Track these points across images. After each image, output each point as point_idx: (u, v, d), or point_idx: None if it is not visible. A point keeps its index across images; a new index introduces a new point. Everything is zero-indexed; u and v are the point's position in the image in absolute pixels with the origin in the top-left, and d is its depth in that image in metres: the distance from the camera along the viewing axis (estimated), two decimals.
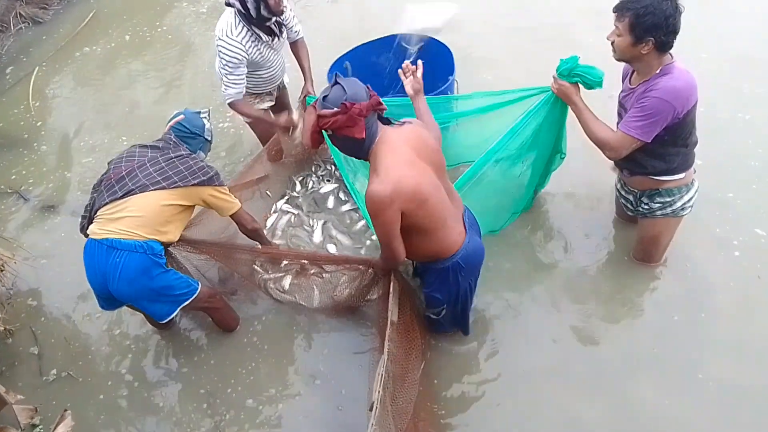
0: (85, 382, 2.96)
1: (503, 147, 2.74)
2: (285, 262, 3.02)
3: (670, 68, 2.37)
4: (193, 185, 2.54)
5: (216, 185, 2.61)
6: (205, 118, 2.80)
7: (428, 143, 2.22)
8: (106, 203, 2.48)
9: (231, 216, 2.74)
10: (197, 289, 2.68)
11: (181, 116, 2.71)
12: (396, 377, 2.28)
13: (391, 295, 2.43)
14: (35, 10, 5.40)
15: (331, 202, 3.51)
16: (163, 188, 2.47)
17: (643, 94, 2.40)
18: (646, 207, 2.76)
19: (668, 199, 2.69)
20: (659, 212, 2.74)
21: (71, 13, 5.52)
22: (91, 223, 2.55)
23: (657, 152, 2.53)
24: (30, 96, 4.64)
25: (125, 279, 2.44)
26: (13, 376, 2.99)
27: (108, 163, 2.66)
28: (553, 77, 2.58)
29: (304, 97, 3.30)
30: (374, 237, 3.27)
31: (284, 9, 2.95)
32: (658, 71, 2.38)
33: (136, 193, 2.45)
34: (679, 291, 2.93)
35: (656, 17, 2.23)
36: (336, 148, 2.31)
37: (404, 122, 2.24)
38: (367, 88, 2.08)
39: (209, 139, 2.81)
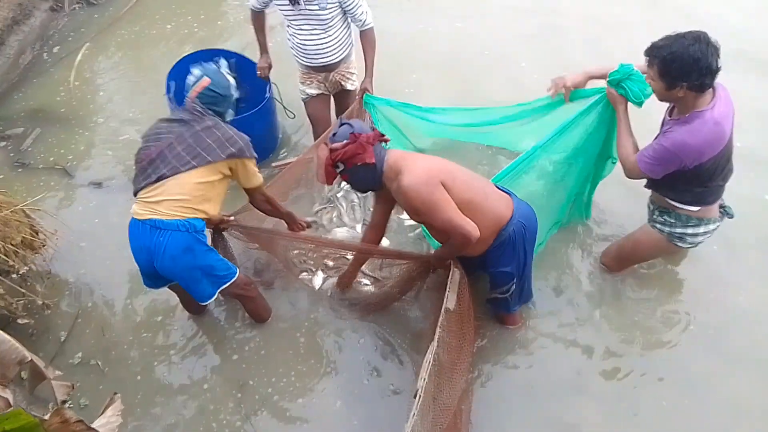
0: (114, 364, 2.98)
1: (551, 143, 2.70)
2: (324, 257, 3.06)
3: (698, 115, 2.29)
4: (224, 160, 2.46)
5: (246, 157, 2.52)
6: (228, 73, 2.61)
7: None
8: (142, 187, 2.49)
9: (249, 189, 2.65)
10: (236, 273, 2.71)
11: (206, 80, 2.52)
12: (444, 368, 2.25)
13: (449, 283, 2.41)
14: None
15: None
16: (194, 167, 2.43)
17: (664, 133, 2.39)
18: (654, 217, 2.79)
19: (672, 221, 2.67)
20: (658, 225, 2.75)
21: None
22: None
23: (669, 182, 2.53)
24: (73, 75, 4.70)
25: (169, 256, 2.48)
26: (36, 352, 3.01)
27: (141, 138, 2.59)
28: (607, 81, 2.57)
29: (362, 94, 3.25)
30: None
31: None
32: (688, 114, 2.32)
33: (168, 177, 2.43)
34: (715, 321, 2.95)
35: (684, 62, 2.16)
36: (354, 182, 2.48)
37: None
38: (371, 126, 2.46)
39: (236, 94, 2.64)
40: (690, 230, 2.64)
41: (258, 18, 3.34)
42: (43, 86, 4.62)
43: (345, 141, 2.27)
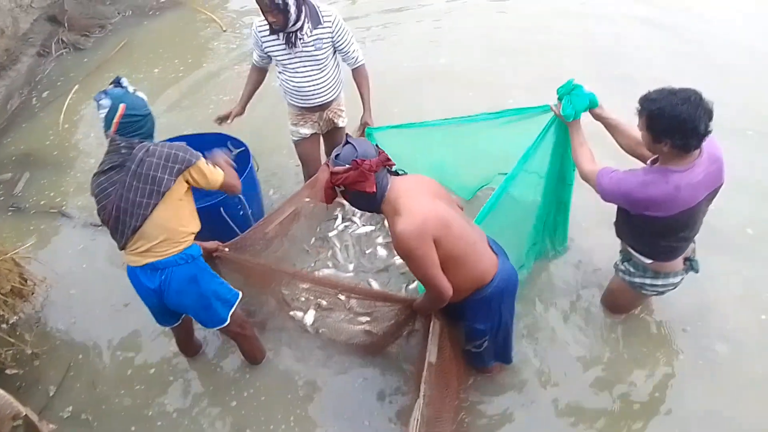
0: (106, 417, 2.89)
1: (519, 171, 2.71)
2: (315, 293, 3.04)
3: (664, 171, 2.24)
4: (175, 181, 2.35)
5: (193, 164, 2.38)
6: (136, 90, 2.46)
7: (437, 184, 2.35)
8: (124, 243, 2.45)
9: (219, 187, 2.54)
10: (239, 294, 2.70)
11: (122, 106, 2.32)
12: (430, 420, 2.22)
13: (430, 335, 2.39)
14: (77, 37, 5.53)
15: (369, 245, 3.51)
16: (155, 205, 2.34)
17: (631, 170, 2.37)
18: (617, 263, 2.82)
19: (632, 270, 2.69)
20: (621, 272, 2.78)
21: (111, 41, 5.65)
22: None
23: (625, 224, 2.56)
24: (62, 118, 4.70)
25: (175, 291, 2.49)
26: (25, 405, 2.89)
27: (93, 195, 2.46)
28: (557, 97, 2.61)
29: (363, 128, 3.29)
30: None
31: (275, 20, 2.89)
32: (661, 167, 2.28)
33: (141, 226, 2.38)
34: (707, 349, 2.93)
35: (670, 121, 2.10)
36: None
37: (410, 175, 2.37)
38: (376, 146, 2.21)
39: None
40: (648, 281, 2.63)
41: (260, 73, 3.37)
42: (32, 130, 4.62)
43: (347, 166, 2.12)
